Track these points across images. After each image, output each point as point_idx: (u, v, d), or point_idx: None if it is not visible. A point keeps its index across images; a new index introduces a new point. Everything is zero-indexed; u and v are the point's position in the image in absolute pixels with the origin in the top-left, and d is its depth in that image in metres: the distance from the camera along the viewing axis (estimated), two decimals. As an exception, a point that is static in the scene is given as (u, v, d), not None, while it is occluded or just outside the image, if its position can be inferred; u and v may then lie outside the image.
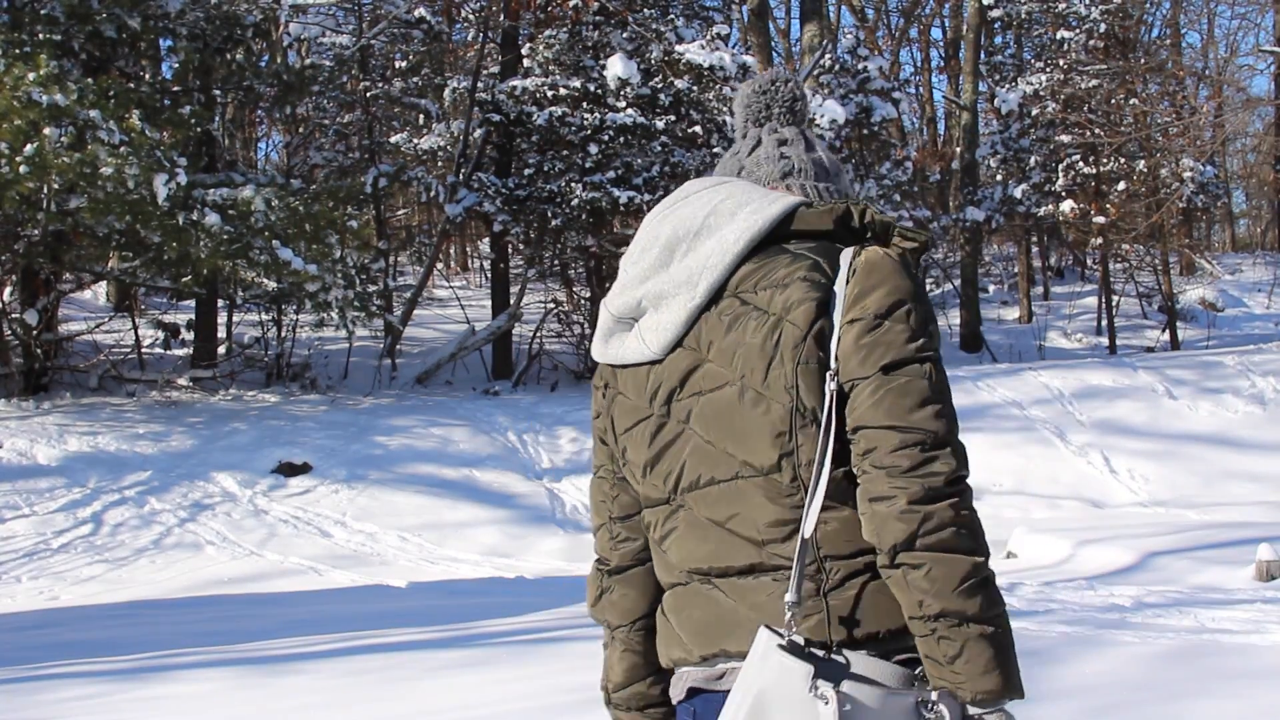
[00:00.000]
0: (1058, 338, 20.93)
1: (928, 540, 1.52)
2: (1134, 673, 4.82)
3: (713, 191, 1.74)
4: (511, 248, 17.63)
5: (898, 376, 1.56)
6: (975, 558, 1.53)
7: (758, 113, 1.88)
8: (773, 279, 1.64)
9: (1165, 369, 14.11)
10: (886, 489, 1.54)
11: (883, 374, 1.57)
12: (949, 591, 1.51)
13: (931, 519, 1.52)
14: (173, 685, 5.31)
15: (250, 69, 14.45)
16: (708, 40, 15.95)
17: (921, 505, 1.53)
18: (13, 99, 10.58)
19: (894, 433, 1.55)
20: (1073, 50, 20.05)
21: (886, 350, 1.57)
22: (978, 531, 1.55)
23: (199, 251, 11.76)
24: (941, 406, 1.57)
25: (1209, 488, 11.35)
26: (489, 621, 6.68)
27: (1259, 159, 31.93)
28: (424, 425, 12.75)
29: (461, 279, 25.76)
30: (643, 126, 15.31)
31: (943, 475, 1.55)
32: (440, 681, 5.16)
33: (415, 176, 18.11)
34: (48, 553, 9.26)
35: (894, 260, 1.62)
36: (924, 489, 1.53)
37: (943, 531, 1.52)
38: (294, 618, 7.25)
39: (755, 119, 1.89)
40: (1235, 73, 32.20)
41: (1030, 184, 20.43)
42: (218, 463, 11.27)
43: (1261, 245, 33.19)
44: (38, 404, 12.73)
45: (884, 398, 1.56)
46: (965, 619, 1.50)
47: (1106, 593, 7.29)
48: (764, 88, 1.88)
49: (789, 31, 31.28)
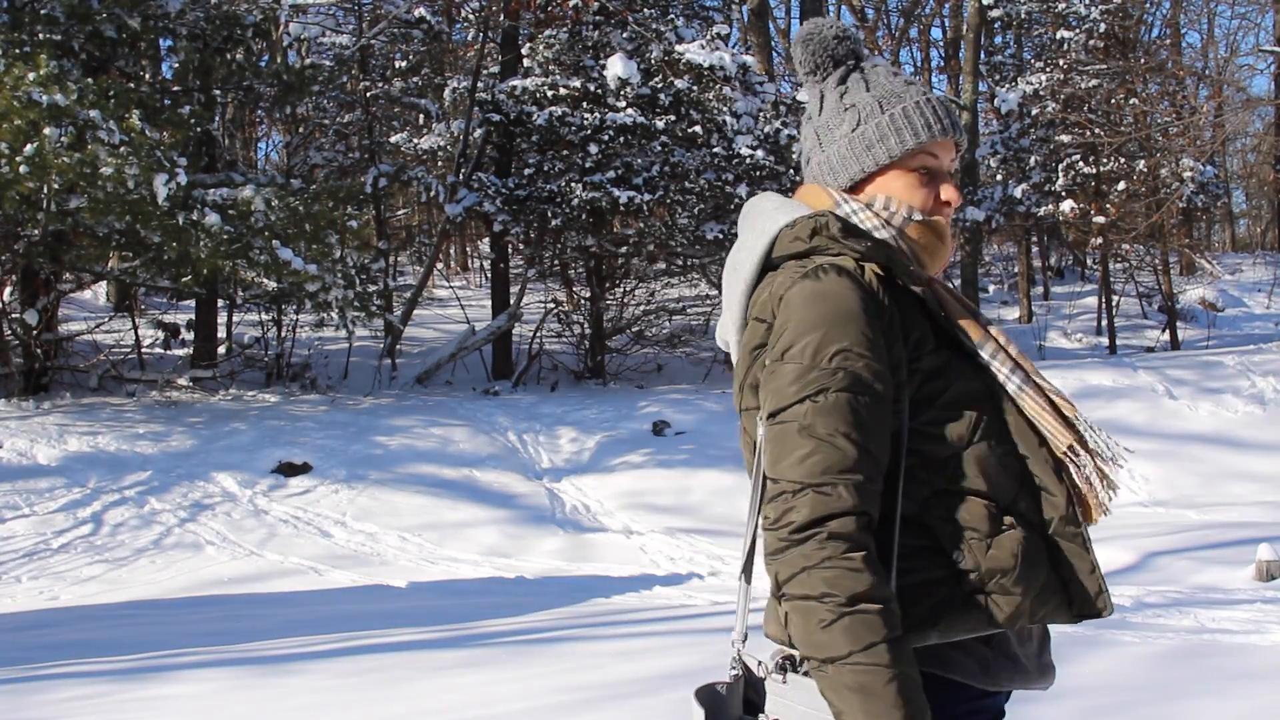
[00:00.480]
0: (1058, 338, 20.93)
1: (786, 590, 1.54)
2: (1134, 673, 4.82)
3: (743, 216, 1.80)
4: (511, 248, 17.62)
5: (775, 425, 1.59)
6: (830, 601, 1.49)
7: (807, 71, 1.81)
8: (749, 314, 1.69)
9: (1165, 369, 14.11)
10: (766, 539, 1.58)
11: (769, 423, 1.60)
12: (806, 640, 1.52)
13: (785, 569, 1.54)
14: (173, 685, 5.31)
15: (250, 69, 14.45)
16: (708, 40, 15.94)
17: (777, 557, 1.55)
18: (13, 99, 10.58)
19: (770, 483, 1.58)
20: (1073, 50, 20.04)
21: (771, 397, 1.59)
22: (840, 571, 1.50)
23: (199, 251, 11.76)
24: (809, 450, 1.54)
25: (1209, 488, 11.35)
26: (489, 621, 6.68)
27: (1259, 159, 31.92)
28: (424, 425, 12.75)
29: (461, 279, 25.76)
30: (643, 126, 15.31)
31: (795, 524, 1.53)
32: (440, 681, 5.16)
33: (415, 176, 18.11)
34: (48, 553, 9.26)
35: (806, 293, 1.59)
36: (779, 540, 1.55)
37: (794, 581, 1.53)
38: (294, 618, 7.25)
39: (808, 74, 1.82)
40: (1235, 73, 32.22)
41: (1030, 184, 20.43)
42: (218, 463, 11.27)
43: (1261, 245, 33.18)
44: (38, 404, 12.73)
45: (767, 448, 1.59)
46: (826, 662, 1.50)
47: (1106, 593, 7.28)
48: (804, 39, 1.79)
49: (789, 31, 31.31)
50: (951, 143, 1.73)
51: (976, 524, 1.60)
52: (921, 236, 1.70)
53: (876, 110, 1.72)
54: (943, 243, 1.72)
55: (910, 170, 1.71)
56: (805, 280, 1.60)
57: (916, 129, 1.69)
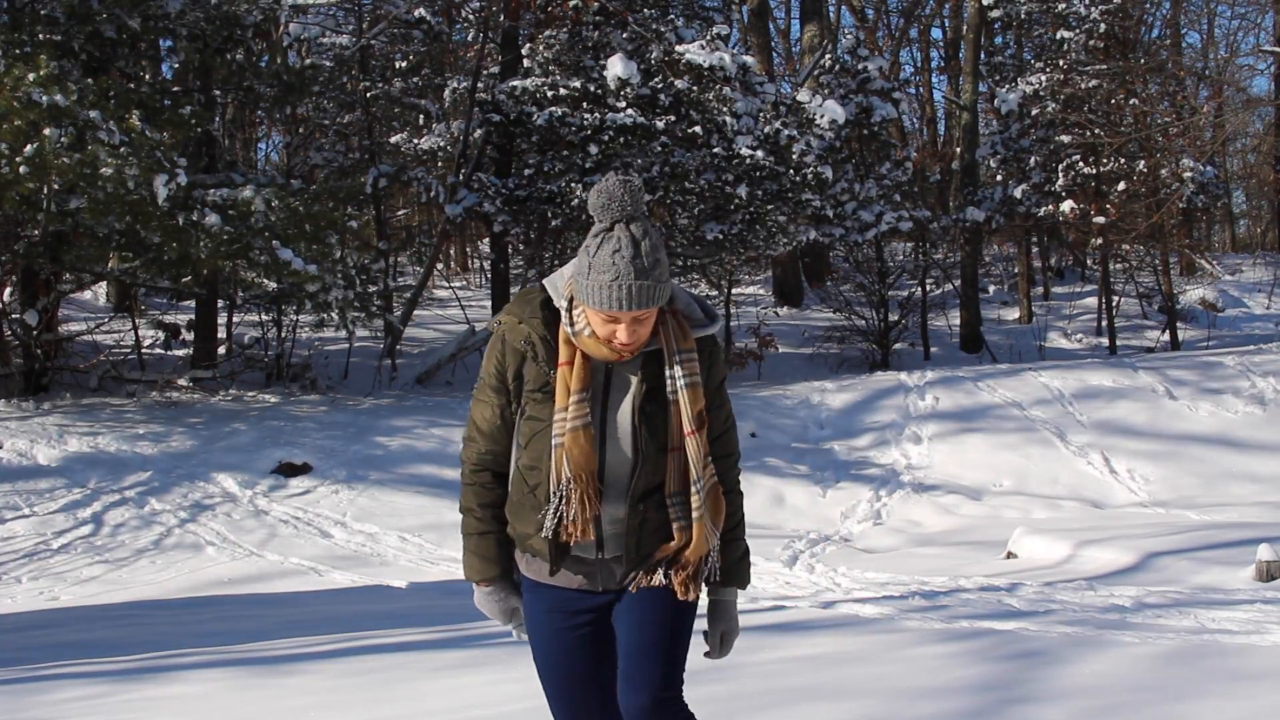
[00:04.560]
0: (1058, 338, 20.93)
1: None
2: (1134, 673, 4.82)
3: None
4: (511, 248, 17.62)
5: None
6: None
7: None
8: None
9: (1165, 369, 14.11)
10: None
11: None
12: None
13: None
14: (173, 685, 5.31)
15: (250, 69, 14.44)
16: (708, 40, 15.94)
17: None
18: (13, 99, 10.58)
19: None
20: (1073, 50, 20.04)
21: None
22: (462, 492, 2.68)
23: (199, 252, 11.75)
24: (465, 428, 2.66)
25: (1209, 488, 11.34)
26: (489, 621, 6.65)
27: (1259, 159, 31.91)
28: (424, 425, 12.75)
29: (461, 279, 25.76)
30: (643, 127, 15.31)
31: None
32: (440, 681, 5.16)
33: (415, 176, 18.10)
34: (48, 553, 9.26)
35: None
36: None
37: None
38: (294, 618, 7.25)
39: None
40: (1235, 73, 32.23)
41: (1030, 184, 20.42)
42: (218, 463, 11.27)
43: (1261, 245, 33.19)
44: (38, 404, 12.73)
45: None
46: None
47: (1107, 593, 7.29)
48: (597, 190, 2.44)
49: (789, 31, 31.31)
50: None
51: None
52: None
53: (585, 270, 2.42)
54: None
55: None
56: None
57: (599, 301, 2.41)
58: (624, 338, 2.40)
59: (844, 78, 19.63)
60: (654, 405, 2.50)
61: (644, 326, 2.43)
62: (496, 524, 2.60)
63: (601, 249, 2.37)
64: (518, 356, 2.51)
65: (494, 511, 2.60)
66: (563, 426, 2.45)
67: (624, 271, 2.34)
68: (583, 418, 2.45)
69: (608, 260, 2.35)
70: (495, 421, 2.56)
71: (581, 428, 2.45)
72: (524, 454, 2.53)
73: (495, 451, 2.58)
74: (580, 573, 2.56)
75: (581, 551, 2.54)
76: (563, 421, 2.45)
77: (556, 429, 2.45)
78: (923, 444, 12.61)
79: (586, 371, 2.47)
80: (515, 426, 2.56)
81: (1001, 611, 6.72)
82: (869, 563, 9.29)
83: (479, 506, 2.61)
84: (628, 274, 2.34)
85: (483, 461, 2.59)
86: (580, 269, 2.40)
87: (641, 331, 2.43)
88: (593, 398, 2.49)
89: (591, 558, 2.55)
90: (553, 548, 2.50)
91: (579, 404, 2.45)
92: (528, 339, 2.50)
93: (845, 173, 18.93)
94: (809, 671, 5.00)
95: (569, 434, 2.44)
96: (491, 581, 2.63)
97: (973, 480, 11.72)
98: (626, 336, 2.40)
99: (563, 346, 2.48)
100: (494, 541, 2.59)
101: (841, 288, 19.74)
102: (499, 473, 2.60)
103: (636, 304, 2.36)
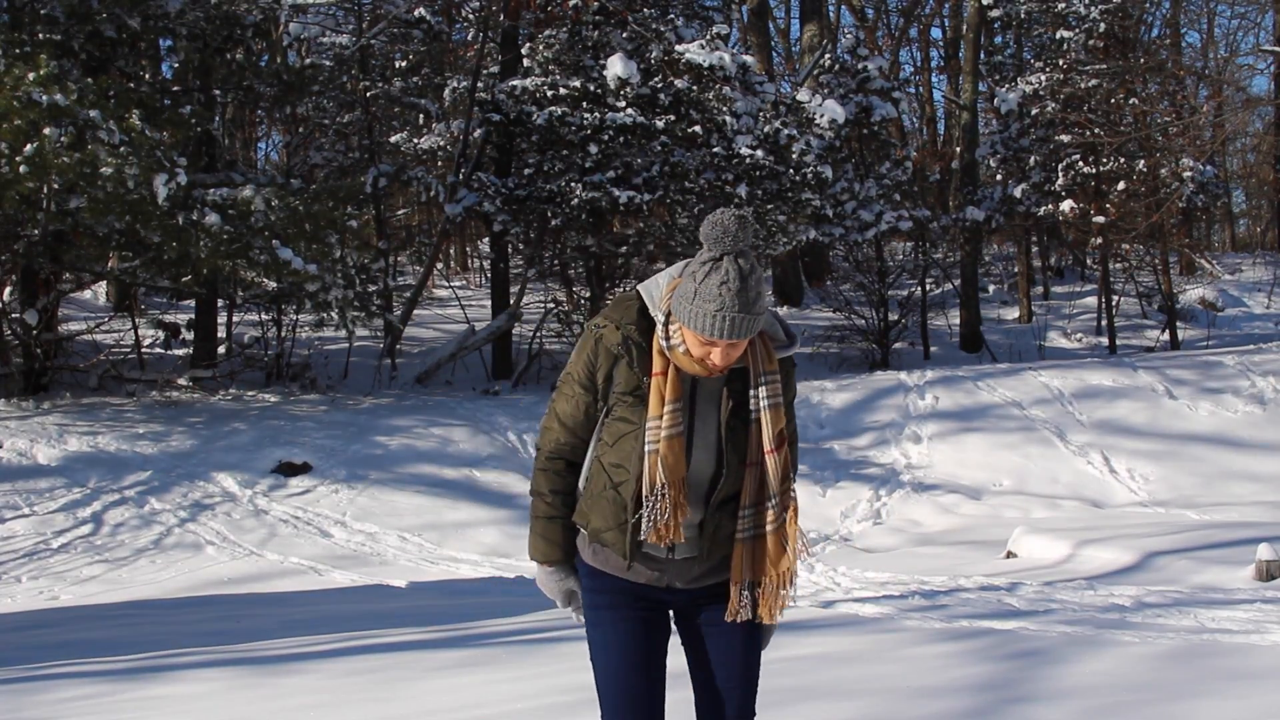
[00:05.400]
0: (1058, 338, 20.93)
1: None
2: (1134, 673, 4.82)
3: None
4: (511, 248, 17.62)
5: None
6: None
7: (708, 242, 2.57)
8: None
9: (1165, 369, 14.10)
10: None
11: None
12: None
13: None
14: (173, 685, 5.31)
15: (250, 69, 14.44)
16: (708, 40, 15.93)
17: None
18: (13, 99, 10.58)
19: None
20: (1072, 50, 20.04)
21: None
22: (535, 476, 2.78)
23: (199, 251, 11.75)
24: (545, 417, 2.76)
25: (1209, 488, 11.34)
26: (489, 621, 6.68)
27: (1259, 159, 31.92)
28: (424, 425, 12.74)
29: (461, 279, 25.76)
30: (643, 126, 15.30)
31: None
32: (440, 681, 5.16)
33: (415, 176, 18.10)
34: (48, 553, 9.26)
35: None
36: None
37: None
38: (294, 618, 7.25)
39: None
40: (1235, 73, 32.20)
41: (1030, 184, 20.42)
42: (218, 463, 11.27)
43: (1261, 245, 33.18)
44: (38, 404, 12.72)
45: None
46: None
47: (1107, 593, 7.29)
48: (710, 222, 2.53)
49: (789, 31, 31.31)
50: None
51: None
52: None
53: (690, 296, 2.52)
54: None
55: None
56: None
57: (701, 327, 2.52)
58: (718, 361, 2.52)
59: (844, 77, 19.63)
60: (737, 420, 2.63)
61: (737, 350, 2.55)
62: (564, 510, 2.73)
63: (710, 278, 2.47)
64: (610, 359, 2.63)
65: (563, 498, 2.74)
66: (657, 434, 2.57)
67: (729, 304, 2.45)
68: (676, 427, 2.57)
69: (714, 290, 2.46)
70: (578, 416, 2.68)
71: (675, 436, 2.57)
72: (610, 452, 2.65)
73: (573, 443, 2.71)
74: (650, 568, 2.70)
75: (653, 550, 2.67)
76: (656, 429, 2.57)
77: (650, 435, 2.57)
78: (922, 443, 12.60)
79: (679, 383, 2.59)
80: (599, 424, 2.69)
81: (1001, 611, 6.72)
82: (869, 562, 9.29)
83: (550, 492, 2.73)
84: (732, 306, 2.45)
85: (559, 450, 2.71)
86: (684, 293, 2.50)
87: (734, 354, 2.55)
88: (683, 408, 2.62)
89: (663, 557, 2.68)
90: (632, 544, 2.63)
91: (673, 413, 2.57)
92: (624, 344, 2.62)
93: (845, 172, 18.94)
94: (809, 671, 4.99)
95: (664, 441, 2.56)
96: (555, 564, 2.76)
97: (972, 480, 11.72)
98: (721, 360, 2.52)
99: (656, 357, 2.60)
100: (560, 527, 2.73)
101: (841, 287, 19.75)
102: (572, 462, 2.73)
103: (737, 335, 2.48)
